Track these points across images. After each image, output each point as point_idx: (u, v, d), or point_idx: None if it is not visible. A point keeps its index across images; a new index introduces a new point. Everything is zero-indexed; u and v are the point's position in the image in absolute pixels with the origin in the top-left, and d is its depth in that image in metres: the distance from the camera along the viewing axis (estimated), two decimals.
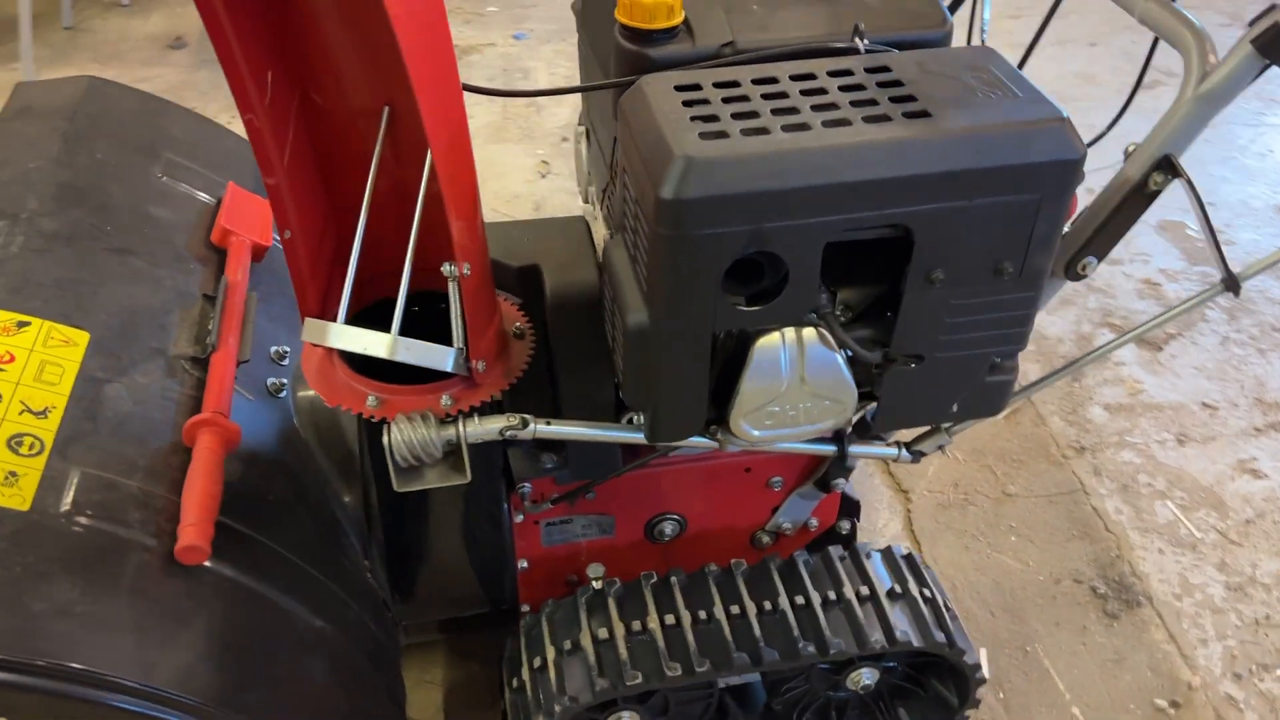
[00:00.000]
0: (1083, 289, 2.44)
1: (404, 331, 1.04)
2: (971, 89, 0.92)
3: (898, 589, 1.33)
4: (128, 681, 0.92)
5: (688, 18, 1.05)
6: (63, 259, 1.26)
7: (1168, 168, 1.03)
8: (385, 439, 1.05)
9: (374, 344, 1.04)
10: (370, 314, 1.19)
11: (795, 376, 1.00)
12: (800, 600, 1.31)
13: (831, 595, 1.32)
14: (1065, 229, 1.12)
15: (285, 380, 1.38)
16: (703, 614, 1.30)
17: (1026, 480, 1.95)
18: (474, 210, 1.03)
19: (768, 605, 1.31)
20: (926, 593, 1.35)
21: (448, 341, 1.06)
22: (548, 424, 1.11)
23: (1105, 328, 2.32)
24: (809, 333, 0.98)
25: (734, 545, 1.53)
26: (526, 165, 2.93)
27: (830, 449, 1.25)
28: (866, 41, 1.01)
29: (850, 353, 0.99)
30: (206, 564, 1.05)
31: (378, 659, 1.27)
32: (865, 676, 1.37)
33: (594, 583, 1.38)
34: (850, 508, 1.54)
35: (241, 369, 1.30)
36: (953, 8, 1.39)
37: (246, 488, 1.18)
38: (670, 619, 1.29)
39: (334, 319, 1.06)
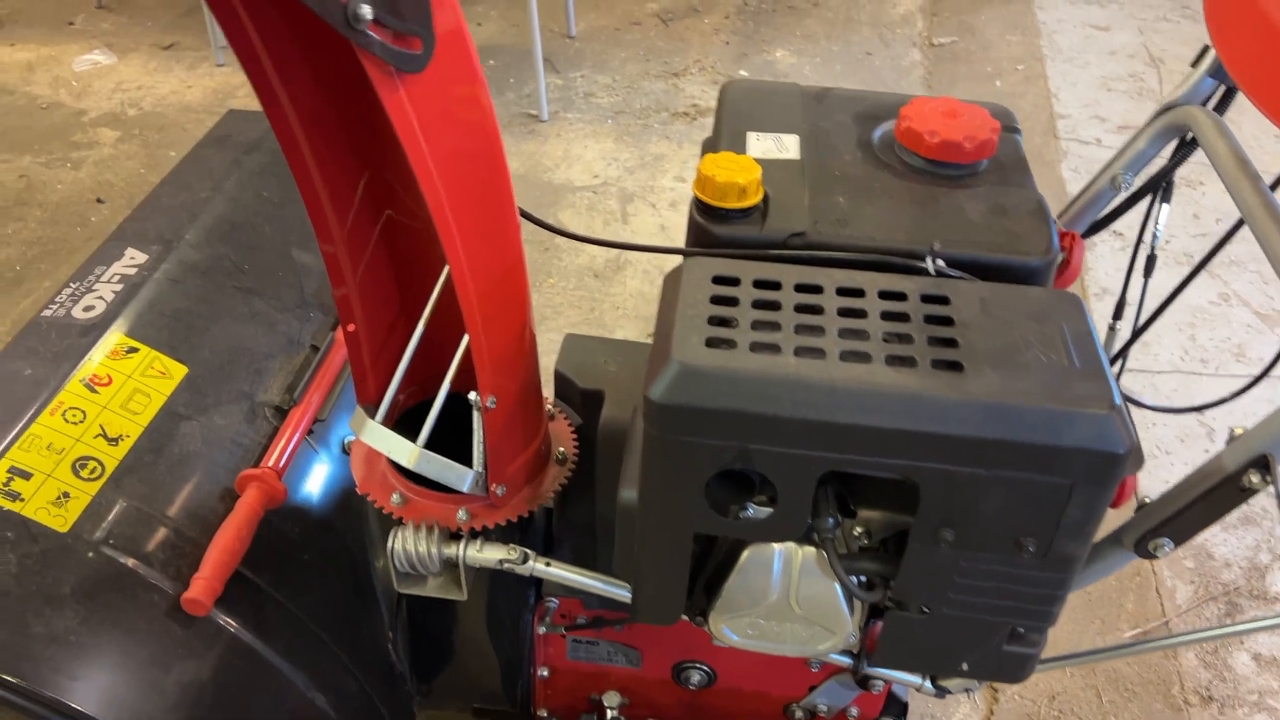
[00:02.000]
0: (1274, 509, 2.15)
1: (458, 426, 1.05)
2: (1025, 345, 0.84)
3: None
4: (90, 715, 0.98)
5: (769, 195, 1.02)
6: (190, 291, 1.37)
7: (1265, 468, 0.89)
8: (389, 543, 1.08)
9: (399, 450, 1.06)
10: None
11: (785, 595, 0.94)
12: None
13: None
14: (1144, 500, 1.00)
15: None
16: None
17: (1133, 717, 1.74)
18: (514, 346, 1.03)
19: None
20: None
21: None
22: (546, 564, 1.10)
23: None
24: (808, 552, 0.93)
25: (766, 710, 1.46)
26: None
27: (845, 661, 1.17)
28: (940, 262, 0.94)
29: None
30: (212, 615, 1.11)
31: None
32: None
33: (608, 711, 1.36)
34: (897, 708, 1.43)
35: (324, 425, 1.37)
36: (1124, 209, 1.28)
37: (282, 543, 1.24)
38: None
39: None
